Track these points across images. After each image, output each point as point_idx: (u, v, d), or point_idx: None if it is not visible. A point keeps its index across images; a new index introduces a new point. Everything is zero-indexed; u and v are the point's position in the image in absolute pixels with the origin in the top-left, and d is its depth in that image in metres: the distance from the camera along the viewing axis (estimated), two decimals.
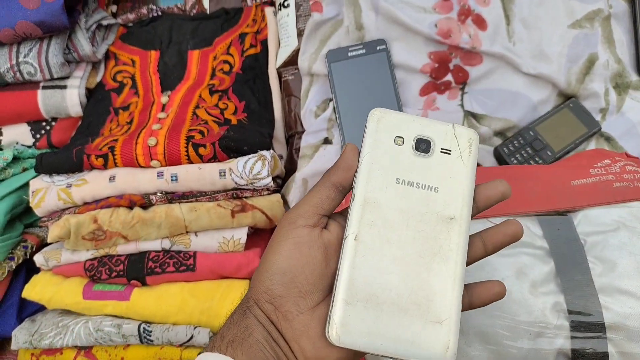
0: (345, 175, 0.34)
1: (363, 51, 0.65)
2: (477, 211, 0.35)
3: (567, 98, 0.64)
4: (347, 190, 0.34)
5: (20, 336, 0.60)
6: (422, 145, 0.34)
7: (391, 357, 0.31)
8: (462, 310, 0.32)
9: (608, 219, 0.48)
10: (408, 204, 0.33)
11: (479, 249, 0.35)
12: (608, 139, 0.63)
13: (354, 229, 0.32)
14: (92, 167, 0.61)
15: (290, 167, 0.68)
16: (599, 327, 0.45)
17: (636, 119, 0.63)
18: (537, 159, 0.62)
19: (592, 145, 0.63)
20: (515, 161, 0.62)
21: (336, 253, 0.33)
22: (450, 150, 0.34)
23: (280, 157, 0.68)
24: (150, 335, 0.56)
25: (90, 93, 0.74)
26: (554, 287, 0.46)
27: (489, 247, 0.35)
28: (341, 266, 0.32)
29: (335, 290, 0.31)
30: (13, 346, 0.60)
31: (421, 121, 0.35)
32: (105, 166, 0.61)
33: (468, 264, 0.34)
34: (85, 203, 0.60)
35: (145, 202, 0.59)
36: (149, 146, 0.60)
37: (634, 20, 0.64)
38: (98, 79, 0.74)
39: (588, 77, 0.63)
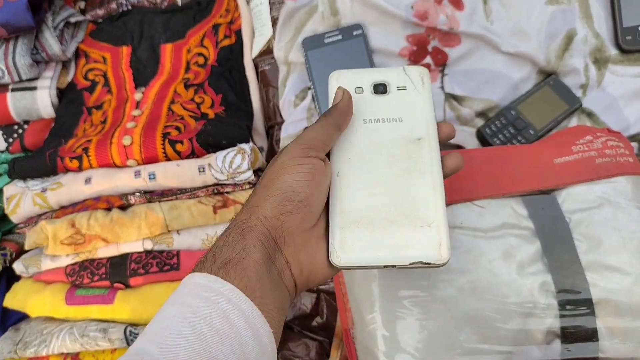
0: (345, 119, 0.37)
1: (340, 37, 0.64)
2: None
3: (547, 75, 0.64)
4: (342, 131, 0.37)
5: (4, 346, 0.59)
6: (380, 88, 0.39)
7: (392, 266, 0.34)
8: None
9: (592, 196, 0.48)
10: (378, 136, 0.37)
11: None
12: (590, 114, 0.63)
13: (335, 168, 0.36)
14: (66, 170, 0.59)
15: (271, 159, 0.67)
16: (587, 304, 0.45)
17: (617, 93, 0.62)
18: (519, 138, 0.62)
19: (574, 121, 0.63)
20: (498, 142, 0.61)
21: None
22: (405, 87, 0.39)
23: (261, 149, 0.67)
24: (137, 338, 0.55)
25: (61, 93, 0.71)
26: (541, 267, 0.46)
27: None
28: (331, 198, 0.35)
29: (330, 222, 0.35)
30: None
31: (374, 71, 0.40)
32: (80, 168, 0.59)
33: None
34: (62, 207, 0.59)
35: (123, 203, 0.57)
36: (124, 145, 0.58)
37: None
38: (69, 78, 0.72)
39: (567, 53, 0.63)
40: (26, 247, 0.57)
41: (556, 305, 0.45)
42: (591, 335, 0.45)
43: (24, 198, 0.59)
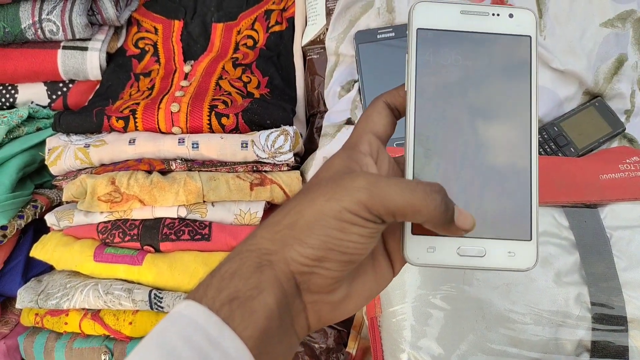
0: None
1: (392, 34, 0.64)
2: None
3: (593, 97, 0.64)
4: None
5: (25, 295, 0.59)
6: None
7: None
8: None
9: (635, 215, 0.48)
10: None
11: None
12: (631, 140, 0.63)
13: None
14: (111, 129, 0.60)
15: (310, 146, 0.67)
16: (621, 321, 0.45)
17: None
18: (560, 154, 0.62)
19: (614, 145, 0.63)
20: None
21: None
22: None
23: (301, 135, 0.67)
24: (160, 302, 0.55)
25: (110, 57, 0.72)
26: (578, 278, 0.46)
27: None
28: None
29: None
30: (18, 304, 0.59)
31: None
32: (125, 129, 0.60)
33: None
34: (103, 165, 0.59)
35: (164, 168, 0.58)
36: (172, 112, 0.59)
37: None
38: (119, 44, 0.73)
39: (616, 77, 0.63)
40: (64, 199, 0.57)
41: (589, 318, 0.45)
42: (622, 353, 0.44)
43: (65, 151, 0.59)
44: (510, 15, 0.31)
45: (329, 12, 0.69)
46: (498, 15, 0.31)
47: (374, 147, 0.30)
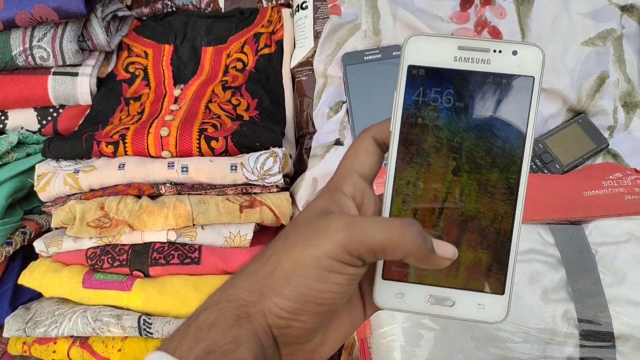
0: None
1: (379, 56, 0.66)
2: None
3: (577, 113, 0.65)
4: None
5: (13, 323, 0.58)
6: None
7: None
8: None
9: (619, 231, 0.49)
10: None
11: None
12: (615, 155, 0.64)
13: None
14: (101, 154, 0.60)
15: (300, 167, 0.68)
16: (608, 337, 0.45)
17: None
18: (545, 171, 0.63)
19: (599, 161, 0.64)
20: None
21: None
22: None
23: (290, 156, 0.68)
24: (150, 328, 0.55)
25: (100, 82, 0.73)
26: (564, 295, 0.46)
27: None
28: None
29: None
30: (5, 333, 0.59)
31: None
32: (114, 154, 0.60)
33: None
34: (92, 190, 0.59)
35: (154, 192, 0.58)
36: (161, 136, 0.59)
37: None
38: (110, 68, 0.74)
39: (598, 94, 0.64)
40: (52, 225, 0.57)
41: (577, 335, 0.45)
42: None
43: (55, 177, 0.59)
44: (514, 53, 0.28)
45: (316, 35, 0.70)
46: (500, 51, 0.28)
47: (358, 188, 0.29)
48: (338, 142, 0.65)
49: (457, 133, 0.28)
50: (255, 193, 0.60)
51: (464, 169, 0.28)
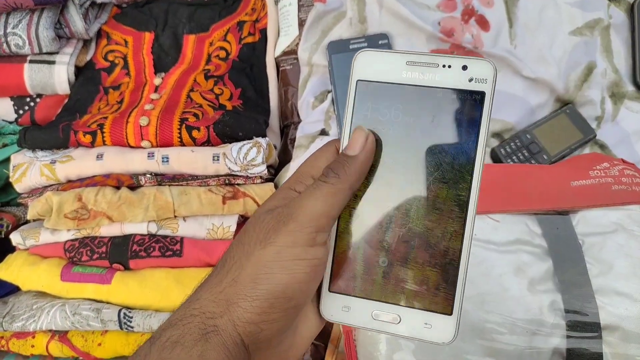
0: (362, 178, 0.29)
1: (365, 44, 0.64)
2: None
3: (564, 104, 0.65)
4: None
5: None
6: None
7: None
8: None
9: (606, 221, 0.48)
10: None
11: None
12: (602, 146, 0.64)
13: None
14: (78, 144, 0.59)
15: (284, 157, 0.66)
16: (595, 328, 0.44)
17: (630, 129, 0.64)
18: (532, 161, 0.62)
19: (586, 151, 0.64)
20: (511, 162, 0.62)
21: None
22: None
23: (274, 147, 0.67)
24: (130, 322, 0.54)
25: (78, 71, 0.71)
26: (551, 286, 0.46)
27: None
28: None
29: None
30: None
31: None
32: (92, 144, 0.58)
33: None
34: (69, 181, 0.58)
35: (133, 183, 0.57)
36: (141, 126, 0.58)
37: (632, 32, 0.65)
38: (88, 57, 0.72)
39: (586, 84, 0.64)
40: (29, 217, 0.56)
41: (564, 326, 0.45)
42: (597, 359, 0.44)
43: (31, 168, 0.57)
44: (464, 68, 0.27)
45: (301, 23, 0.68)
46: (449, 67, 0.27)
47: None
48: (323, 132, 0.64)
49: (405, 149, 0.28)
50: (238, 184, 0.59)
51: (412, 185, 0.28)
